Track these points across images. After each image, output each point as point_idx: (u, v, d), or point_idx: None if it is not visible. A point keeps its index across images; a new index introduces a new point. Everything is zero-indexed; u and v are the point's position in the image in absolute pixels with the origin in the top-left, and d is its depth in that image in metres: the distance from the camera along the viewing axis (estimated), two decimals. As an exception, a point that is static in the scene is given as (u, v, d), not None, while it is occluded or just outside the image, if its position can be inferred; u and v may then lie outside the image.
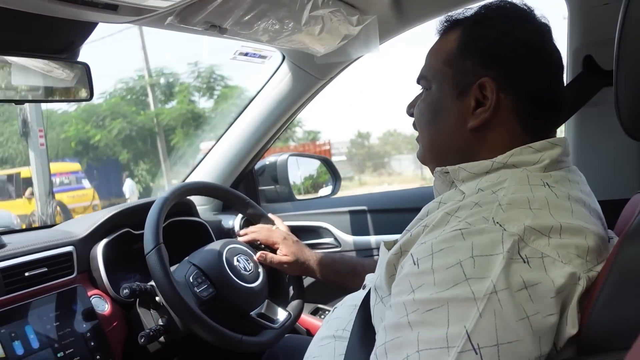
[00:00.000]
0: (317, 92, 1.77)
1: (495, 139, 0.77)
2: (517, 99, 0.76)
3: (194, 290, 1.21)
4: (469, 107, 0.78)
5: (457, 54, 0.80)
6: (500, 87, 0.76)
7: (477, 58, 0.77)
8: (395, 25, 1.51)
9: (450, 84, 0.80)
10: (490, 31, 0.77)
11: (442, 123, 0.82)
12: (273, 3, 1.12)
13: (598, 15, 1.34)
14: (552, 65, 0.79)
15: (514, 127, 0.77)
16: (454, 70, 0.80)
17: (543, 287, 0.59)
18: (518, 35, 0.76)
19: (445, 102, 0.81)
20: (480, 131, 0.78)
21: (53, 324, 1.14)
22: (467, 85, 0.78)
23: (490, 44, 0.77)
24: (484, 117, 0.76)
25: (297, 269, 1.41)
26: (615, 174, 1.36)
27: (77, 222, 1.41)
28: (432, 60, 0.85)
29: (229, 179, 1.88)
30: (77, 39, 1.10)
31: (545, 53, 0.78)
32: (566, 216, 0.66)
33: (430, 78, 0.84)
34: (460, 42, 0.80)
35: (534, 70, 0.76)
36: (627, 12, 0.62)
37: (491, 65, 0.76)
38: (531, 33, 0.77)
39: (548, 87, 0.78)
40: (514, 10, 0.80)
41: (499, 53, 0.76)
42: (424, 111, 0.85)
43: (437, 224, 0.68)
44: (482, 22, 0.79)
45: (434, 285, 0.61)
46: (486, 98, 0.76)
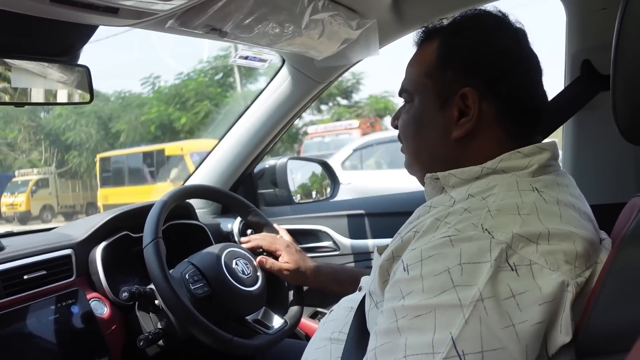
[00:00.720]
0: (316, 96, 1.78)
1: (480, 147, 0.78)
2: (499, 107, 0.77)
3: (188, 287, 1.21)
4: (452, 117, 0.79)
5: (436, 66, 0.81)
6: (482, 96, 0.77)
7: (457, 69, 0.79)
8: (395, 29, 1.51)
9: (432, 95, 0.81)
10: (468, 41, 0.79)
11: (427, 134, 0.83)
12: (273, 7, 1.12)
13: (596, 20, 1.34)
14: (530, 70, 0.80)
15: (498, 135, 0.78)
16: (435, 82, 0.81)
17: (531, 295, 0.59)
18: (495, 44, 0.78)
19: (429, 114, 0.82)
20: (464, 141, 0.79)
21: (52, 327, 1.14)
22: (449, 96, 0.79)
23: (469, 54, 0.78)
24: (468, 127, 0.77)
25: (297, 277, 1.40)
26: (612, 177, 1.36)
27: (75, 225, 1.41)
28: (412, 72, 0.85)
29: (229, 182, 1.88)
30: (78, 42, 1.10)
31: (524, 59, 0.79)
32: (555, 221, 0.66)
33: (412, 91, 0.85)
34: (439, 54, 0.81)
35: (514, 77, 0.78)
36: (625, 17, 0.62)
37: (471, 75, 0.77)
38: (508, 40, 0.78)
39: (529, 93, 0.79)
40: (489, 19, 0.81)
41: (477, 63, 0.77)
42: (407, 123, 0.86)
43: (427, 230, 0.69)
44: (459, 33, 0.81)
45: (423, 292, 0.62)
46: (469, 108, 0.77)
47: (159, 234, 1.18)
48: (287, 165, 1.99)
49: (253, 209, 1.50)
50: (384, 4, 1.36)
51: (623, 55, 0.63)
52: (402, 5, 1.43)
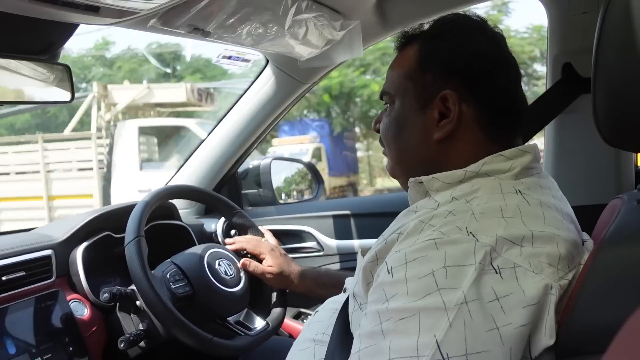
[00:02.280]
0: (300, 96, 1.78)
1: (461, 149, 0.79)
2: (479, 109, 0.78)
3: (169, 286, 1.20)
4: (433, 119, 0.79)
5: (416, 68, 0.81)
6: (462, 98, 0.77)
7: (437, 71, 0.79)
8: (379, 31, 1.52)
9: (413, 97, 0.82)
10: (447, 44, 0.80)
11: (408, 136, 0.83)
12: (257, 7, 1.12)
13: (577, 23, 1.36)
14: (509, 73, 0.81)
15: (477, 136, 0.78)
16: (416, 84, 0.81)
17: (514, 298, 0.60)
18: (474, 47, 0.79)
19: (409, 116, 0.82)
20: (446, 142, 0.79)
21: (31, 329, 1.12)
22: (430, 98, 0.79)
23: (448, 56, 0.79)
24: (448, 128, 0.78)
25: (280, 281, 1.40)
26: (593, 179, 1.38)
27: (56, 225, 1.39)
28: (393, 75, 0.86)
29: (212, 182, 1.87)
30: (58, 41, 1.09)
31: (502, 61, 0.80)
32: (538, 224, 0.67)
33: (393, 93, 0.85)
34: (419, 57, 0.82)
35: (493, 80, 0.79)
36: (605, 21, 0.63)
37: (451, 77, 0.78)
38: (486, 43, 0.80)
39: (508, 95, 0.80)
40: (468, 23, 0.83)
41: (457, 65, 0.78)
42: (389, 126, 0.86)
43: (411, 232, 0.69)
44: (439, 36, 0.82)
45: (407, 295, 0.62)
46: (449, 110, 0.78)
47: (141, 233, 1.17)
48: (270, 165, 1.99)
49: (238, 210, 1.49)
50: (368, 5, 1.36)
51: (603, 59, 0.64)
52: (386, 7, 1.44)
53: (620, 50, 0.62)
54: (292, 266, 1.41)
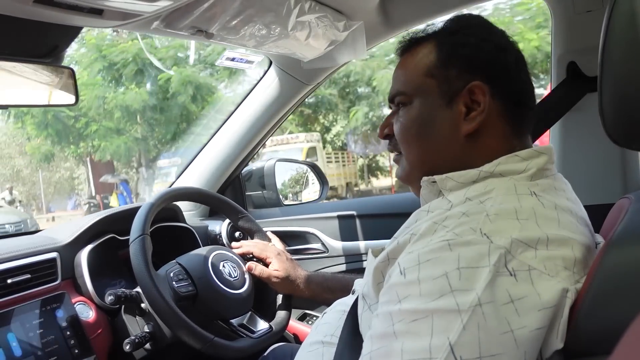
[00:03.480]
0: (304, 98, 1.78)
1: (487, 143, 0.78)
2: (503, 102, 0.78)
3: (172, 285, 1.20)
4: (460, 113, 0.78)
5: (438, 65, 0.80)
6: (489, 90, 0.78)
7: (461, 65, 0.79)
8: (382, 31, 1.52)
9: (437, 94, 0.80)
10: (470, 38, 0.79)
11: (435, 134, 0.81)
12: (260, 8, 1.12)
13: (582, 22, 1.36)
14: (525, 68, 0.82)
15: (503, 130, 0.78)
16: (439, 80, 0.80)
17: (530, 301, 0.59)
18: (496, 41, 0.80)
19: (434, 113, 0.81)
20: (473, 137, 0.78)
21: (36, 331, 1.12)
22: (455, 92, 0.79)
23: (472, 50, 0.79)
24: (479, 119, 0.77)
25: (287, 285, 1.39)
26: (599, 179, 1.37)
27: (61, 228, 1.40)
28: (407, 75, 0.84)
29: (217, 184, 1.87)
30: (62, 44, 1.09)
31: (520, 57, 0.82)
32: (553, 227, 0.66)
33: (411, 92, 0.83)
34: (440, 53, 0.81)
35: (514, 74, 0.80)
36: (611, 19, 0.63)
37: (476, 71, 0.78)
38: (504, 39, 0.81)
39: (528, 88, 0.81)
40: (483, 21, 0.84)
41: (481, 59, 0.78)
42: (409, 127, 0.83)
43: (424, 233, 0.68)
44: (459, 32, 0.81)
45: (420, 296, 0.62)
46: (475, 103, 0.78)
47: (146, 231, 1.18)
48: (274, 167, 1.99)
49: (245, 214, 1.49)
50: (371, 6, 1.36)
51: (610, 58, 0.64)
52: (389, 8, 1.43)
53: (627, 48, 0.61)
54: (299, 271, 1.41)
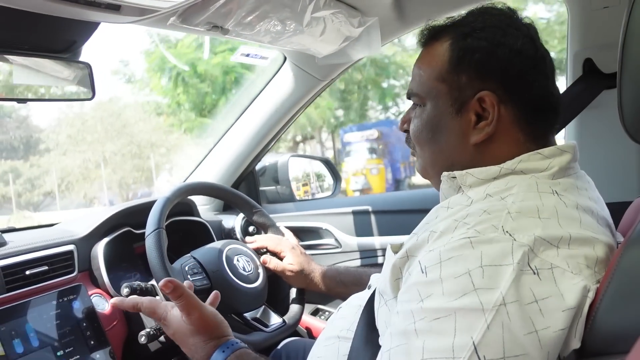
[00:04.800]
0: (318, 94, 1.78)
1: (499, 150, 0.76)
2: (517, 109, 0.75)
3: (187, 278, 1.21)
4: (469, 122, 0.77)
5: (449, 70, 0.78)
6: (500, 99, 0.75)
7: (472, 72, 0.76)
8: (397, 27, 1.51)
9: (447, 100, 0.78)
10: (482, 43, 0.75)
11: (444, 140, 0.80)
12: (275, 4, 1.12)
13: (598, 18, 1.34)
14: (546, 69, 0.78)
15: (517, 137, 0.76)
16: (449, 86, 0.78)
17: (554, 301, 0.59)
18: (511, 45, 0.75)
19: (444, 119, 0.79)
20: (483, 145, 0.77)
21: (53, 322, 1.14)
22: (465, 100, 0.76)
23: (484, 56, 0.75)
24: (488, 131, 0.75)
25: (301, 279, 1.40)
26: (617, 176, 1.36)
27: (78, 220, 1.42)
28: (422, 75, 0.82)
29: (231, 179, 1.88)
30: (79, 39, 1.10)
31: (539, 60, 0.77)
32: (575, 226, 0.65)
33: (424, 95, 0.81)
34: (451, 57, 0.78)
35: (531, 79, 0.75)
36: (632, 15, 0.62)
37: (487, 78, 0.75)
38: (522, 40, 0.75)
39: (545, 93, 0.77)
40: (501, 17, 0.78)
41: (493, 65, 0.75)
42: (421, 129, 0.83)
43: (444, 231, 0.68)
44: (472, 34, 0.77)
45: (443, 295, 0.61)
46: (486, 111, 0.75)
47: (161, 225, 1.19)
48: (288, 162, 1.99)
49: (259, 209, 1.49)
50: (386, 1, 1.35)
51: (629, 54, 0.63)
52: (404, 3, 1.42)
53: None
54: (312, 265, 1.42)
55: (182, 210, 1.54)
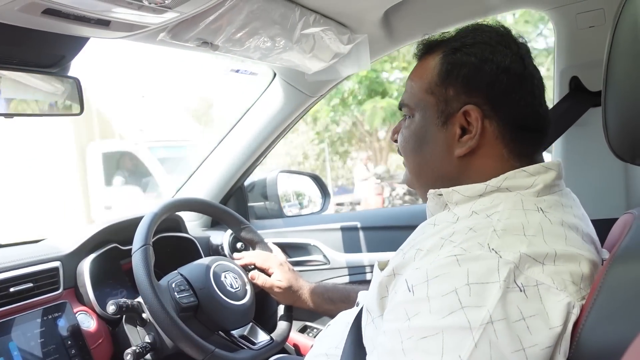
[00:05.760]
0: (307, 109, 1.78)
1: (482, 164, 0.77)
2: (501, 125, 0.76)
3: (173, 295, 1.20)
4: (454, 135, 0.78)
5: (438, 83, 0.79)
6: (484, 113, 0.76)
7: (459, 86, 0.77)
8: (386, 44, 1.52)
9: (434, 112, 0.80)
10: (470, 58, 0.77)
11: (429, 151, 0.81)
12: (265, 21, 1.13)
13: (584, 37, 1.36)
14: (534, 88, 0.78)
15: (500, 152, 0.77)
16: (437, 99, 0.79)
17: (540, 319, 0.59)
18: (498, 62, 0.76)
19: (430, 131, 0.80)
20: (467, 158, 0.78)
21: (37, 340, 1.12)
22: (451, 113, 0.78)
23: (471, 71, 0.76)
24: (470, 144, 0.76)
25: (289, 296, 1.39)
26: (603, 193, 1.37)
27: (64, 237, 1.40)
28: (413, 87, 0.84)
29: (220, 194, 1.87)
30: (68, 54, 1.10)
31: (526, 78, 0.78)
32: (560, 243, 0.66)
33: (413, 106, 0.83)
34: (440, 70, 0.79)
35: (517, 96, 0.76)
36: (615, 35, 0.63)
37: (474, 93, 0.76)
38: (511, 58, 0.77)
39: (532, 111, 0.78)
40: (492, 35, 0.79)
41: (480, 80, 0.76)
42: (408, 139, 0.84)
43: (431, 249, 0.68)
44: (461, 49, 0.78)
45: (430, 313, 0.61)
46: (471, 125, 0.76)
47: (148, 241, 1.18)
48: (277, 178, 1.99)
49: (247, 225, 1.49)
50: (375, 19, 1.37)
51: (614, 73, 0.64)
52: (393, 21, 1.44)
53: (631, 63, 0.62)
54: (300, 282, 1.41)
55: (170, 226, 1.53)
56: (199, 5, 0.97)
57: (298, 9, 1.17)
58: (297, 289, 1.39)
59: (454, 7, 1.43)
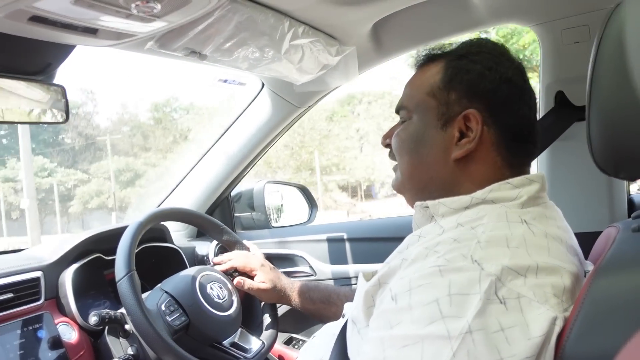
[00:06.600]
0: (295, 120, 1.78)
1: (477, 170, 0.78)
2: (498, 133, 0.78)
3: (165, 319, 1.18)
4: (452, 137, 0.79)
5: (441, 86, 0.81)
6: (484, 120, 0.78)
7: (462, 91, 0.79)
8: (374, 57, 1.53)
9: (434, 114, 0.81)
10: (475, 65, 0.79)
11: (425, 153, 0.82)
12: (253, 32, 1.13)
13: (569, 53, 1.38)
14: (531, 102, 0.81)
15: (494, 160, 0.78)
16: (439, 101, 0.81)
17: (519, 330, 0.59)
18: (502, 72, 0.79)
19: (429, 132, 0.82)
20: (463, 162, 0.79)
21: (17, 352, 1.10)
22: (452, 116, 0.79)
23: (475, 77, 0.79)
24: (469, 147, 0.78)
25: (273, 296, 1.40)
26: (587, 207, 1.38)
27: (46, 246, 1.38)
28: (413, 91, 0.86)
29: (205, 205, 1.86)
30: (54, 61, 1.09)
31: (525, 91, 0.81)
32: (543, 255, 0.66)
33: (412, 108, 0.84)
34: (444, 75, 0.81)
35: (516, 107, 0.79)
36: (599, 51, 0.64)
37: (475, 99, 0.78)
38: (513, 71, 0.80)
39: (528, 123, 0.80)
40: (496, 47, 0.83)
41: (483, 87, 0.78)
42: (405, 140, 0.85)
43: (415, 259, 0.68)
44: (467, 57, 0.81)
45: (411, 322, 0.61)
46: (470, 129, 0.78)
47: (132, 267, 1.15)
48: (264, 189, 1.98)
49: (223, 227, 1.48)
50: (363, 32, 1.38)
51: (598, 88, 0.65)
52: (381, 34, 1.45)
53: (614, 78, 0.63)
54: (283, 281, 1.42)
55: (155, 236, 1.52)
56: (187, 15, 0.97)
57: (287, 20, 1.18)
58: (280, 288, 1.40)
59: (441, 21, 1.44)
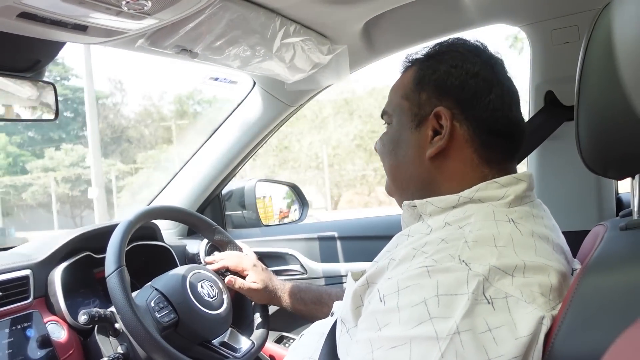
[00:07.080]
0: (286, 119, 1.78)
1: (453, 168, 0.79)
2: (471, 129, 0.79)
3: (154, 316, 1.18)
4: (426, 136, 0.81)
5: (413, 88, 0.83)
6: (455, 116, 0.79)
7: (431, 90, 0.81)
8: (366, 56, 1.54)
9: (409, 116, 0.83)
10: (442, 65, 0.82)
11: (402, 154, 0.85)
12: (245, 30, 1.13)
13: (559, 53, 1.39)
14: (503, 94, 0.80)
15: (470, 156, 0.79)
16: (411, 103, 0.83)
17: (507, 330, 0.59)
18: (467, 68, 0.80)
19: (405, 134, 0.84)
20: (438, 160, 0.80)
21: (5, 351, 1.09)
22: (424, 116, 0.81)
23: (442, 76, 0.81)
24: (440, 144, 0.79)
25: (265, 296, 1.40)
26: (575, 206, 1.39)
27: (35, 244, 1.37)
28: (391, 96, 0.88)
29: (196, 203, 1.86)
30: (44, 58, 1.09)
31: (495, 84, 0.80)
32: (530, 254, 0.67)
33: (391, 112, 0.87)
34: (415, 77, 0.84)
35: (486, 100, 0.79)
36: (587, 52, 0.64)
37: (444, 96, 0.80)
38: (480, 66, 0.81)
39: (500, 117, 0.80)
40: (465, 46, 0.85)
41: (450, 84, 0.80)
42: (385, 143, 0.88)
43: (403, 259, 0.69)
44: (434, 57, 0.84)
45: (399, 323, 0.62)
46: (442, 127, 0.79)
47: (122, 262, 1.15)
48: (255, 187, 1.98)
49: (216, 227, 1.48)
50: (355, 31, 1.38)
51: (586, 88, 0.65)
52: (373, 33, 1.46)
53: (602, 78, 0.63)
54: (275, 281, 1.42)
55: (145, 234, 1.51)
56: (178, 13, 0.96)
57: (278, 19, 1.17)
58: (272, 288, 1.40)
59: (432, 21, 1.45)
